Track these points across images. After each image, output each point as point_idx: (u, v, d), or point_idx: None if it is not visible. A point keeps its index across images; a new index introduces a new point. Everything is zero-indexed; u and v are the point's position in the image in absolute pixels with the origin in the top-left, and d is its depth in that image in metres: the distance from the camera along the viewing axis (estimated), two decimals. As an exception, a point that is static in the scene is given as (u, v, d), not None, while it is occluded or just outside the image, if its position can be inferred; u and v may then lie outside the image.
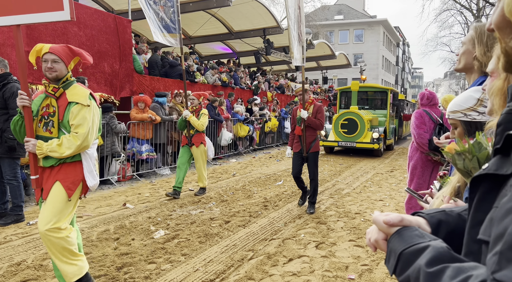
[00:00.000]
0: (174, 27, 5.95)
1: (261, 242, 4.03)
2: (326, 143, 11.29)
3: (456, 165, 1.01)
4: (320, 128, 5.16)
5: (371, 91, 13.32)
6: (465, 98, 1.32)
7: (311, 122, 5.08)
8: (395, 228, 0.76)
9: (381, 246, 0.79)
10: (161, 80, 9.19)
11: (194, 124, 5.84)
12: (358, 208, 5.51)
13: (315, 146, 5.18)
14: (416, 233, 0.72)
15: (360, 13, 43.28)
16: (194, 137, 5.94)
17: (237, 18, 13.58)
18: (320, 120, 5.10)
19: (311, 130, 5.16)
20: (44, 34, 6.14)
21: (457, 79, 53.01)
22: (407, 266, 0.67)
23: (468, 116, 1.32)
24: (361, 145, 10.82)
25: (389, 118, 12.51)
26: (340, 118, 11.17)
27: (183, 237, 4.11)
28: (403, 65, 58.42)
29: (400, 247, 0.70)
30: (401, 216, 0.76)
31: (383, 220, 0.77)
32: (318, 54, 20.57)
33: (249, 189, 6.63)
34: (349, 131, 10.98)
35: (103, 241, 3.94)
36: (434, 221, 0.81)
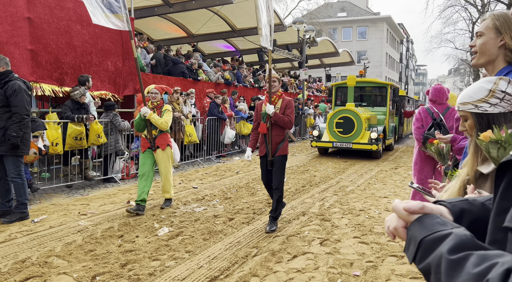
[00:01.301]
0: (118, 6, 4.80)
1: (265, 239, 4.02)
2: (319, 144, 10.30)
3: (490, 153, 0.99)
4: (288, 126, 4.32)
5: (369, 86, 12.20)
6: (476, 89, 1.29)
7: (278, 119, 4.25)
8: (415, 215, 0.74)
9: (400, 234, 0.77)
10: (164, 78, 9.19)
11: (156, 123, 4.94)
12: (363, 205, 5.49)
13: (283, 149, 4.35)
14: (437, 220, 0.70)
15: (363, 10, 43.07)
16: (158, 139, 5.07)
17: (240, 16, 13.54)
18: (289, 116, 4.29)
19: (278, 128, 4.34)
20: (48, 32, 6.14)
21: (461, 76, 52.67)
22: (427, 253, 0.65)
23: (480, 107, 1.28)
24: (358, 146, 9.84)
25: (388, 116, 11.54)
26: (335, 116, 10.13)
27: (187, 234, 4.11)
28: (407, 62, 58.11)
29: (420, 234, 0.68)
30: (422, 203, 0.74)
31: (404, 207, 0.75)
32: (321, 52, 20.50)
33: (252, 187, 6.62)
34: (344, 131, 9.98)
35: (107, 238, 3.94)
36: (456, 209, 0.79)
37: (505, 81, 1.25)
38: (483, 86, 1.27)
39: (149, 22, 13.09)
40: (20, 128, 4.27)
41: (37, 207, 5.05)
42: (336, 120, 10.07)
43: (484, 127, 1.29)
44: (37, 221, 4.44)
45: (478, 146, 1.29)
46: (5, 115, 4.29)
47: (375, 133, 9.75)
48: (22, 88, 4.28)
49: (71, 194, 5.86)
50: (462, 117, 1.38)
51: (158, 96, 5.09)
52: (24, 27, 5.84)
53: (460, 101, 1.33)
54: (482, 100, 1.27)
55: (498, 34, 1.62)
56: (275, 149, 4.34)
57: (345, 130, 9.95)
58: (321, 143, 10.29)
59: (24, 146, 4.41)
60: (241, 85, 12.86)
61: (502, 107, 1.25)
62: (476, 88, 1.29)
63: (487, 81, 1.27)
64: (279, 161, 4.33)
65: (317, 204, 5.49)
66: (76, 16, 6.65)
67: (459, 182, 1.36)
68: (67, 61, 6.50)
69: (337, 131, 10.04)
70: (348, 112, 9.99)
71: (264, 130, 4.35)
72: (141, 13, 11.50)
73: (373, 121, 10.62)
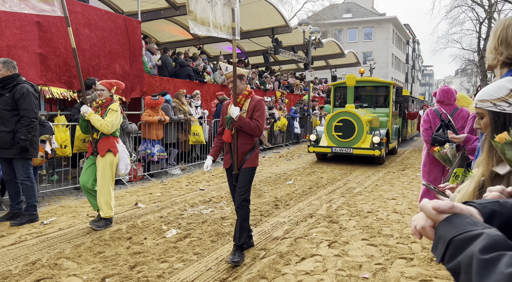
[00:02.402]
0: None
1: (273, 241, 4.01)
2: (317, 149, 9.52)
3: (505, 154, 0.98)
4: (256, 133, 3.47)
5: (371, 86, 11.33)
6: (497, 87, 1.27)
7: (242, 124, 3.42)
8: (444, 215, 0.73)
9: (428, 233, 0.76)
10: (171, 80, 9.23)
11: (95, 124, 4.25)
12: (370, 207, 5.46)
13: (251, 160, 3.54)
14: (468, 220, 0.69)
15: (369, 11, 42.93)
16: (99, 143, 4.34)
17: (245, 18, 13.56)
18: (257, 121, 3.45)
19: (246, 136, 3.52)
20: (57, 36, 6.21)
21: (468, 76, 52.25)
22: (457, 253, 0.64)
23: (498, 106, 1.27)
24: (359, 151, 9.04)
25: (391, 117, 10.79)
26: (334, 119, 9.33)
27: (195, 236, 4.12)
28: (413, 63, 57.76)
29: (450, 234, 0.68)
30: (451, 203, 0.74)
31: (433, 206, 0.74)
32: (326, 53, 20.46)
33: (259, 189, 6.61)
34: (344, 135, 9.18)
35: (116, 240, 3.96)
36: (486, 211, 0.78)
37: None
38: (505, 85, 1.26)
39: (156, 25, 13.17)
40: (29, 131, 4.31)
41: (46, 209, 5.09)
42: (335, 123, 9.31)
43: (499, 126, 1.27)
44: (47, 223, 4.48)
45: (493, 145, 1.28)
46: (14, 118, 4.34)
47: (377, 137, 8.99)
48: (30, 92, 4.33)
49: (79, 196, 5.90)
50: (478, 115, 1.37)
51: (104, 93, 4.40)
52: (33, 31, 5.90)
53: (479, 98, 1.32)
54: (502, 99, 1.25)
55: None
56: (241, 161, 3.52)
57: (345, 134, 9.19)
58: (319, 148, 9.53)
59: (33, 149, 4.46)
60: (247, 87, 12.86)
61: None
62: (498, 86, 1.27)
63: (510, 80, 1.26)
64: (244, 174, 3.51)
65: (324, 206, 5.48)
66: (85, 20, 6.71)
67: (474, 182, 1.34)
68: (75, 64, 6.55)
69: (336, 135, 9.27)
70: (348, 114, 9.21)
71: (228, 138, 3.54)
72: (147, 16, 11.57)
73: (375, 124, 9.88)
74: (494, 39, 1.66)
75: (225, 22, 3.64)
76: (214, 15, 3.52)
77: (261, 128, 3.48)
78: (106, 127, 4.27)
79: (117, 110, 4.37)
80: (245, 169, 3.52)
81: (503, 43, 1.61)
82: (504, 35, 1.61)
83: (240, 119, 3.43)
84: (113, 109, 4.36)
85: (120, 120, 4.47)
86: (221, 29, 3.59)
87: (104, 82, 4.47)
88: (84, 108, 4.26)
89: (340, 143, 9.25)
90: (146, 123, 7.31)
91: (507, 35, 1.60)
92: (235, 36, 3.68)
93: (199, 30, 3.45)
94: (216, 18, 3.53)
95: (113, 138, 4.42)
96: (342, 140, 9.23)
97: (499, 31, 1.63)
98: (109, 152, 4.33)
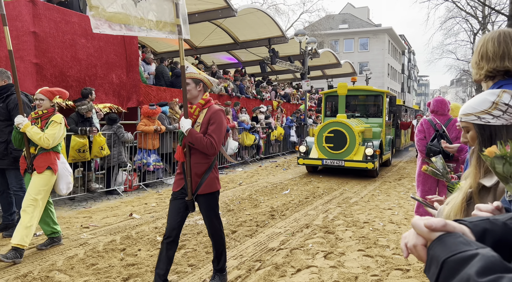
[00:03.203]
0: None
1: (268, 252, 3.97)
2: (307, 161, 9.08)
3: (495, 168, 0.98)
4: (209, 151, 2.84)
5: (363, 95, 10.91)
6: (480, 100, 1.30)
7: (193, 140, 2.81)
8: (436, 233, 0.70)
9: (419, 252, 0.73)
10: (168, 90, 9.25)
11: (32, 137, 3.69)
12: (367, 217, 5.43)
13: (209, 183, 2.91)
14: (460, 240, 0.67)
15: (364, 22, 43.44)
16: (37, 159, 3.77)
17: (243, 28, 13.69)
18: (211, 137, 2.82)
19: (199, 154, 2.89)
20: (53, 46, 6.22)
21: (463, 86, 52.74)
22: (452, 275, 0.62)
23: (482, 119, 1.29)
24: (351, 164, 8.58)
25: (385, 127, 10.35)
26: (325, 129, 8.86)
27: (190, 248, 4.07)
28: (409, 73, 58.30)
29: (443, 255, 0.65)
30: (444, 221, 0.72)
31: (425, 224, 0.72)
32: (323, 63, 20.62)
33: (255, 199, 6.58)
34: (335, 146, 8.71)
35: (109, 252, 3.91)
36: (478, 229, 0.76)
37: (509, 94, 1.26)
38: (487, 98, 1.28)
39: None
40: (24, 141, 4.28)
41: (39, 220, 5.03)
42: (325, 134, 8.83)
43: (486, 138, 1.29)
44: (39, 235, 4.42)
45: (480, 158, 1.28)
46: (7, 128, 4.31)
47: (370, 149, 8.56)
48: (24, 102, 4.31)
49: (73, 207, 5.85)
50: (464, 128, 1.38)
51: (44, 103, 3.86)
52: (29, 41, 5.92)
53: (463, 112, 1.34)
54: (485, 111, 1.28)
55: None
56: (196, 185, 2.89)
57: (336, 145, 8.72)
58: (309, 161, 9.08)
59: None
60: (244, 96, 12.92)
61: (504, 119, 1.26)
62: (480, 99, 1.30)
63: (491, 93, 1.28)
64: (205, 205, 2.93)
65: (320, 216, 5.45)
66: (81, 30, 6.74)
67: (462, 194, 1.35)
68: (72, 74, 6.56)
69: (327, 146, 8.81)
70: (339, 124, 8.73)
71: (179, 156, 2.94)
72: (144, 26, 11.64)
73: (367, 135, 9.46)
74: (476, 54, 1.72)
75: (162, 19, 2.94)
76: (141, 11, 2.85)
77: (216, 145, 2.84)
78: (46, 141, 3.70)
79: (60, 122, 3.82)
80: (202, 198, 2.91)
81: (484, 58, 1.66)
82: (485, 50, 1.66)
83: (190, 134, 2.82)
84: (56, 121, 3.81)
85: (64, 133, 3.89)
86: (155, 27, 2.90)
87: (44, 90, 3.91)
88: (18, 119, 3.69)
89: (331, 155, 8.82)
90: (142, 132, 7.29)
91: (487, 50, 1.65)
92: (181, 35, 3.02)
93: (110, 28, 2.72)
94: (144, 15, 2.83)
95: (54, 154, 3.86)
96: (333, 151, 8.79)
97: (480, 47, 1.69)
98: (48, 169, 3.76)
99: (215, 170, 3.00)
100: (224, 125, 2.94)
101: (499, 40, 1.64)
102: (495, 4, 22.77)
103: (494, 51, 1.64)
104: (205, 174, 2.92)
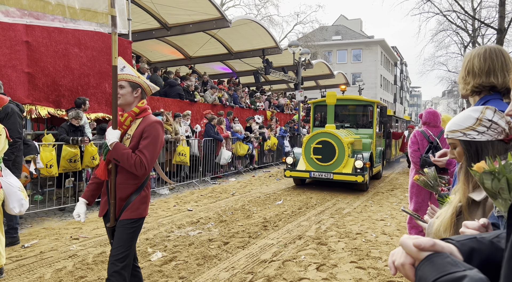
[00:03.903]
0: None
1: (260, 264, 3.94)
2: (294, 173, 8.67)
3: (484, 184, 0.99)
4: (138, 171, 2.34)
5: (353, 105, 10.53)
6: (464, 117, 1.33)
7: (118, 156, 2.32)
8: (425, 253, 0.70)
9: (407, 272, 0.73)
10: (161, 99, 9.24)
11: None
12: (359, 228, 5.43)
13: (134, 208, 2.37)
14: (448, 260, 0.67)
15: (357, 33, 44.04)
16: None
17: (237, 39, 13.79)
18: (142, 153, 2.33)
19: (126, 172, 2.39)
20: (45, 55, 6.20)
21: (455, 97, 53.46)
22: None
23: (468, 135, 1.32)
24: (340, 177, 8.19)
25: (375, 139, 9.98)
26: (313, 140, 8.49)
27: (181, 259, 4.02)
28: (401, 84, 59.00)
29: (431, 276, 0.65)
30: (433, 241, 0.72)
31: (414, 243, 0.71)
32: (316, 74, 20.81)
33: (248, 209, 6.55)
34: (324, 158, 8.35)
35: (99, 264, 3.85)
36: (465, 249, 0.76)
37: (491, 110, 1.30)
38: (471, 114, 1.32)
39: (147, 44, 13.29)
40: (12, 151, 4.23)
41: (28, 232, 4.95)
42: (313, 145, 8.46)
43: (472, 154, 1.32)
44: (27, 246, 4.34)
45: (469, 173, 1.30)
46: None
47: (360, 161, 8.21)
48: (15, 111, 4.28)
49: (63, 218, 5.77)
50: (451, 145, 1.41)
51: None
52: (22, 51, 5.90)
53: (449, 129, 1.37)
54: (470, 128, 1.31)
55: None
56: (120, 208, 2.39)
57: (324, 157, 8.35)
58: (296, 173, 8.66)
59: (16, 170, 4.36)
60: (238, 106, 12.95)
61: (489, 135, 1.29)
62: (464, 116, 1.33)
63: (474, 110, 1.32)
64: (121, 229, 2.34)
65: (313, 227, 5.43)
66: (75, 40, 6.74)
67: (451, 208, 1.36)
68: (64, 84, 6.54)
69: (315, 158, 8.43)
70: (328, 135, 8.36)
71: (102, 173, 2.42)
72: (139, 36, 11.69)
73: (357, 146, 9.10)
74: (462, 70, 1.76)
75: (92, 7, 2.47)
76: None
77: (146, 165, 2.32)
78: None
79: (1, 133, 3.26)
80: (123, 222, 2.34)
81: (470, 73, 1.70)
82: (471, 66, 1.69)
83: (115, 149, 2.32)
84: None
85: (5, 146, 3.32)
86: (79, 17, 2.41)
87: None
88: None
89: (319, 167, 8.43)
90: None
91: (473, 66, 1.68)
92: (116, 28, 2.53)
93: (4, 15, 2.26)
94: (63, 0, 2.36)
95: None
96: (321, 164, 8.40)
97: (467, 62, 1.72)
98: None
99: (145, 191, 2.44)
100: (160, 141, 2.42)
101: (485, 56, 1.68)
102: (484, 18, 23.26)
103: (480, 67, 1.67)
104: (132, 196, 2.38)
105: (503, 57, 1.68)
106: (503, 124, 1.28)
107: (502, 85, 1.67)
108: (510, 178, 0.93)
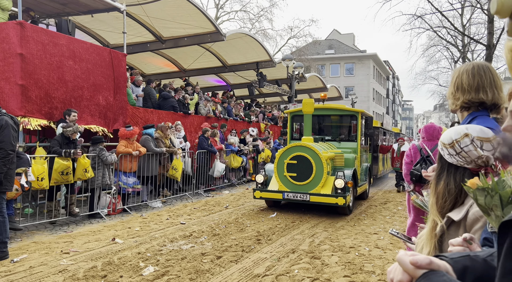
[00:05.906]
0: None
1: (253, 278, 3.91)
2: (265, 194, 7.32)
3: (477, 200, 1.01)
4: None
5: (335, 115, 9.12)
6: (448, 133, 1.36)
7: None
8: (422, 270, 0.71)
9: None
10: (155, 112, 9.24)
11: None
12: (353, 241, 5.42)
13: None
14: (444, 278, 0.68)
15: (350, 47, 44.72)
16: None
17: (231, 52, 13.92)
18: None
19: None
20: (39, 68, 6.20)
21: (446, 111, 54.14)
22: None
23: (442, 150, 1.35)
24: (318, 198, 6.92)
25: (360, 153, 8.69)
26: (286, 155, 7.21)
27: (173, 274, 3.98)
28: (394, 98, 59.73)
29: None
30: (429, 259, 0.72)
31: (410, 261, 0.72)
32: (310, 87, 21.01)
33: (242, 222, 6.51)
34: (299, 176, 7.10)
35: (90, 278, 3.78)
36: (459, 266, 0.77)
37: (469, 139, 1.30)
38: (452, 133, 1.34)
39: (142, 57, 13.35)
40: (5, 163, 4.20)
41: (17, 246, 4.86)
42: (287, 160, 7.16)
43: (439, 168, 1.35)
44: (17, 261, 4.26)
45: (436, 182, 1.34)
46: None
47: (341, 180, 6.91)
48: (9, 124, 4.26)
49: (54, 231, 5.68)
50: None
51: None
52: (15, 63, 5.90)
53: (440, 139, 1.40)
54: (446, 145, 1.33)
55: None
56: None
57: (300, 175, 7.09)
58: (267, 194, 7.29)
59: (8, 182, 4.32)
60: (232, 118, 12.99)
61: (455, 160, 1.31)
62: (448, 132, 1.36)
63: (457, 131, 1.33)
64: None
65: (307, 240, 5.41)
66: (69, 52, 6.76)
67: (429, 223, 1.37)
68: (57, 96, 6.52)
69: (289, 176, 7.15)
70: (303, 149, 7.11)
71: None
72: (133, 49, 11.75)
73: (338, 162, 7.80)
74: (451, 86, 1.79)
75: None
76: None
77: None
78: None
79: None
80: None
81: (459, 89, 1.73)
82: (460, 81, 1.73)
83: None
84: None
85: None
86: None
87: None
88: None
89: (294, 187, 7.15)
90: (122, 154, 7.19)
91: (462, 82, 1.72)
92: None
93: None
94: None
95: None
96: (296, 182, 7.14)
97: (455, 78, 1.75)
98: None
99: None
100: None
101: (473, 72, 1.72)
102: (474, 34, 23.76)
103: (469, 83, 1.71)
104: None
105: (491, 74, 1.72)
106: (473, 156, 1.28)
107: (491, 101, 1.71)
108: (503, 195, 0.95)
